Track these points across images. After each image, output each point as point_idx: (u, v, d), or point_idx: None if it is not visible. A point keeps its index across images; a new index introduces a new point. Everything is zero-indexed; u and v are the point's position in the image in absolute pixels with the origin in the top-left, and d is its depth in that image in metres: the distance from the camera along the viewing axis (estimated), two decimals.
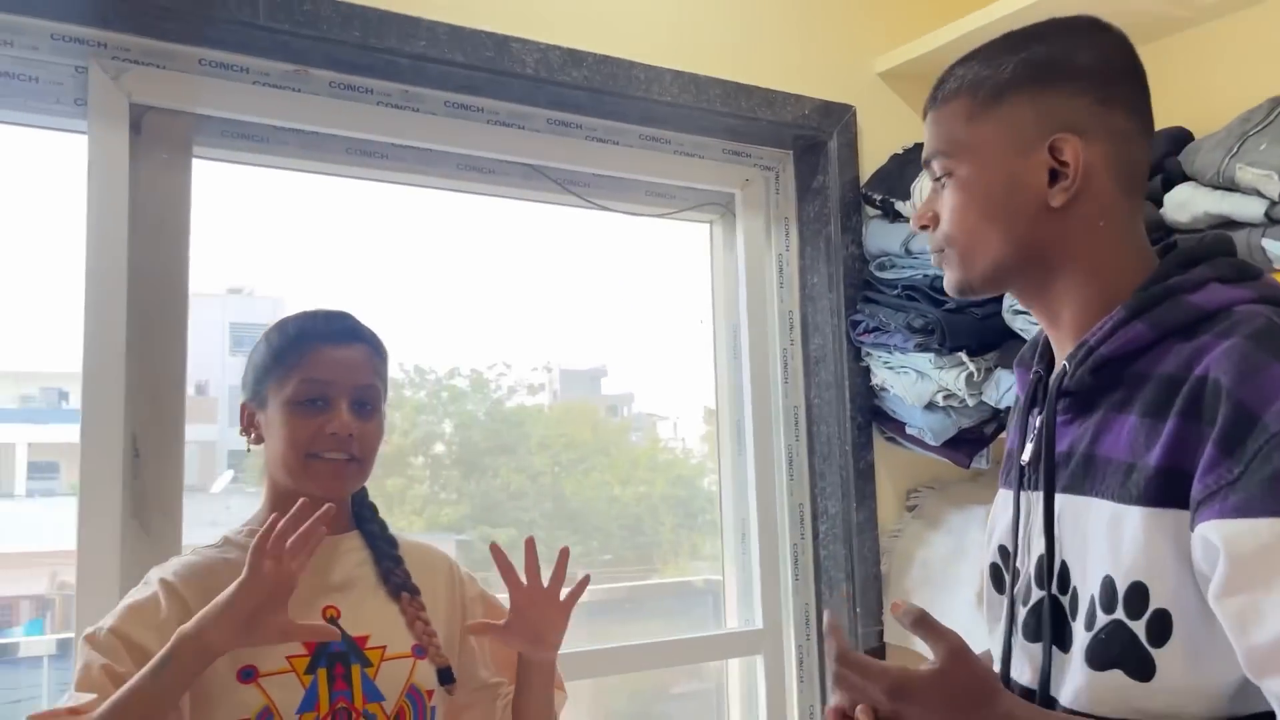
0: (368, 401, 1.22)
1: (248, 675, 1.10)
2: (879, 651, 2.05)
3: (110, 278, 1.54)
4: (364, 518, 1.28)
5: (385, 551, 1.25)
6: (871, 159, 2.15)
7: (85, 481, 1.51)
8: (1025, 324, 1.85)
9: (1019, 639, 0.93)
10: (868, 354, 2.09)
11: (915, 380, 1.97)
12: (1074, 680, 0.85)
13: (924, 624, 0.85)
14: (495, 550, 1.22)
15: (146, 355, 1.59)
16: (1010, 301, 1.87)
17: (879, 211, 2.13)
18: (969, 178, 0.92)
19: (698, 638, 2.10)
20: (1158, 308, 0.86)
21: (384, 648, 1.18)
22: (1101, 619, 0.83)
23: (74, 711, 1.03)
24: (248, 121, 1.70)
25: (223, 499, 2.08)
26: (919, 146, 2.10)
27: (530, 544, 1.24)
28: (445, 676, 1.22)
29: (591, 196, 2.04)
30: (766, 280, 2.18)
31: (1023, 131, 0.90)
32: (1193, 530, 0.77)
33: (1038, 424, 0.94)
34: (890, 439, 2.12)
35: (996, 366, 1.92)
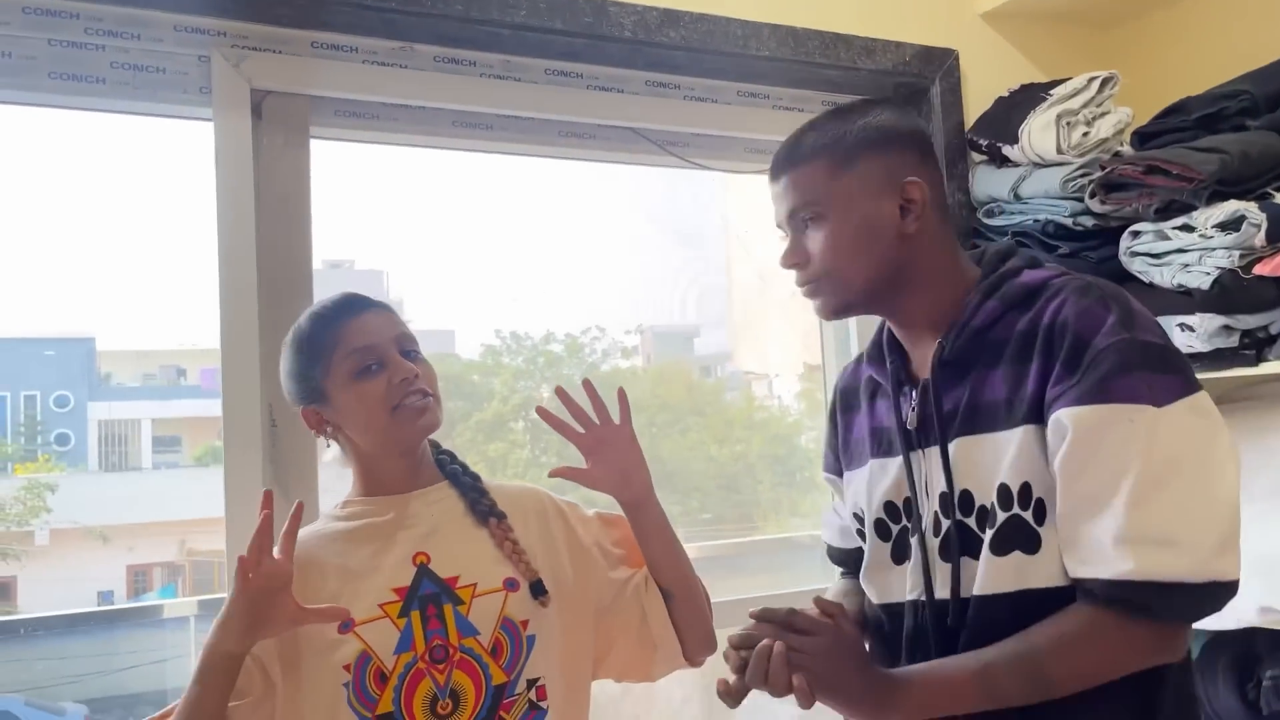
0: (412, 349, 1.27)
1: (345, 626, 1.17)
2: None
3: (241, 257, 1.61)
4: (442, 463, 1.33)
5: (468, 486, 1.30)
6: (976, 104, 2.10)
7: (229, 452, 1.60)
8: (1144, 266, 1.81)
9: (935, 562, 1.15)
10: None
11: None
12: (983, 572, 1.10)
13: (777, 616, 1.09)
14: (543, 412, 1.30)
15: (278, 329, 1.65)
16: (1129, 243, 1.83)
17: (985, 157, 2.08)
18: (840, 221, 1.16)
19: (803, 591, 2.11)
20: (1000, 289, 1.14)
21: (474, 585, 1.22)
22: (1001, 516, 1.09)
23: (163, 716, 1.18)
24: (359, 100, 1.75)
25: (333, 468, 2.17)
26: (1025, 89, 2.05)
27: (588, 384, 1.30)
28: (537, 589, 1.24)
29: (691, 156, 2.05)
30: None
31: (876, 181, 1.16)
32: (1048, 420, 1.05)
33: (914, 397, 1.18)
34: None
35: None
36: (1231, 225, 1.67)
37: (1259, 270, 1.65)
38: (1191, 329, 1.72)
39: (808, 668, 1.05)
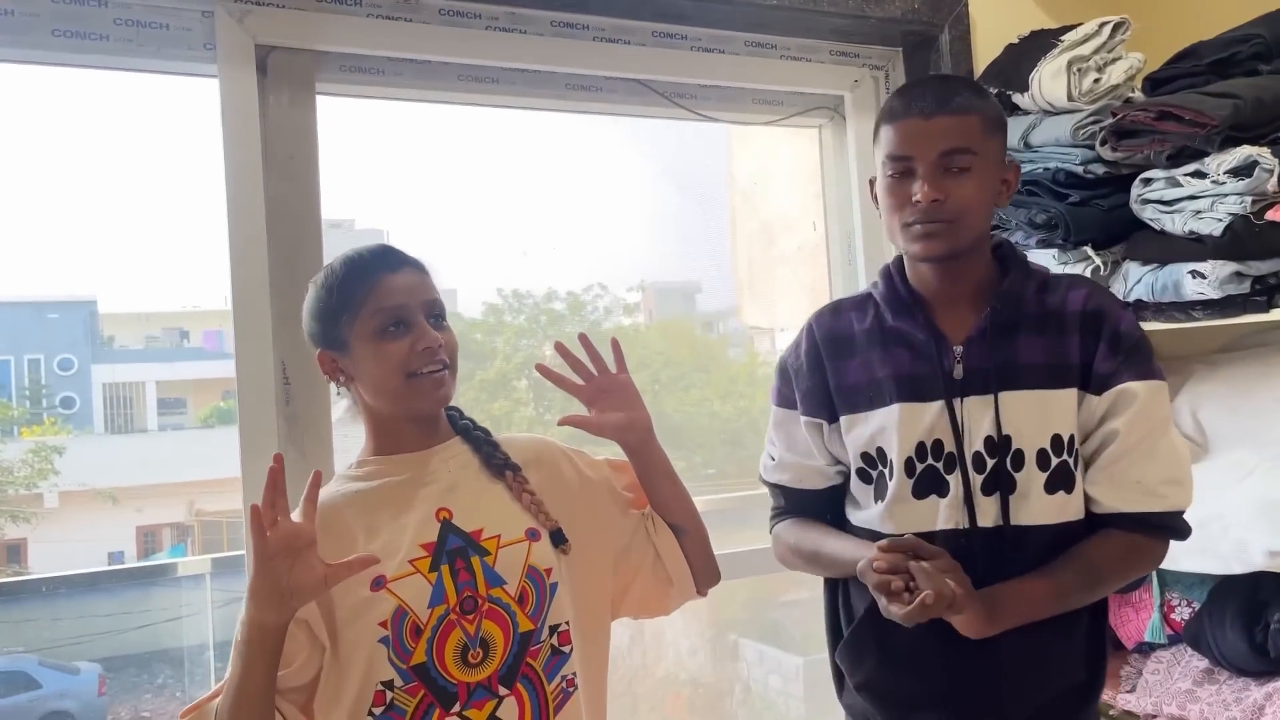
0: (439, 314, 1.27)
1: (378, 584, 1.19)
2: None
3: (250, 215, 1.61)
4: (453, 419, 1.35)
5: (481, 441, 1.32)
6: (986, 51, 2.08)
7: (243, 410, 1.61)
8: (1155, 213, 1.80)
9: (978, 497, 1.32)
10: None
11: None
12: (1033, 506, 1.32)
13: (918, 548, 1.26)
14: (542, 368, 1.36)
15: (288, 286, 1.66)
16: (1141, 190, 1.81)
17: None
18: (983, 175, 1.30)
19: None
20: (1031, 274, 1.38)
21: (498, 536, 1.24)
22: (1054, 461, 1.31)
23: (213, 695, 1.19)
24: (364, 55, 1.73)
25: (340, 427, 2.18)
26: (1035, 35, 2.03)
27: (584, 338, 1.35)
28: (558, 538, 1.27)
29: (698, 108, 2.03)
30: None
31: (1002, 155, 1.36)
32: (1102, 393, 1.31)
33: (958, 351, 1.34)
34: None
35: (1125, 259, 1.87)
36: (1244, 171, 1.66)
37: (1271, 216, 1.64)
38: (1203, 276, 1.71)
39: (960, 581, 1.22)
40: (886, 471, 1.36)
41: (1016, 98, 1.97)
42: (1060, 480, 1.31)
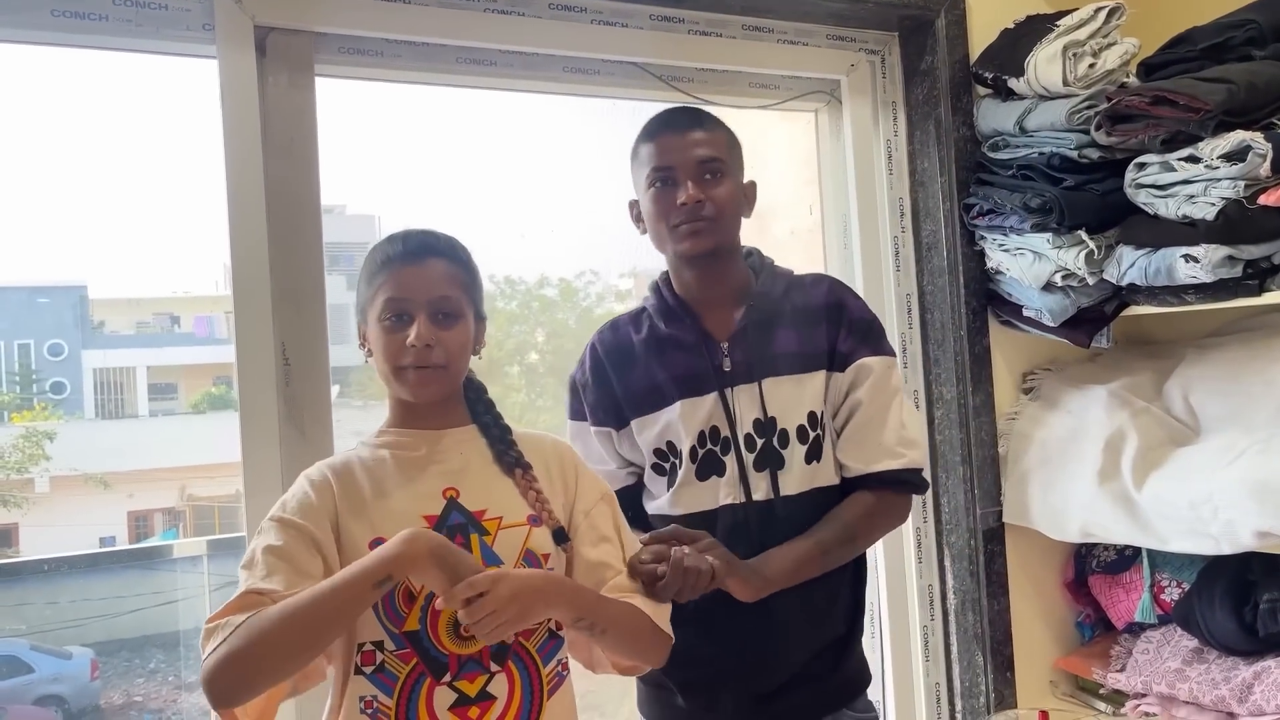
0: (447, 311, 1.27)
1: (376, 544, 1.19)
2: (999, 532, 2.08)
3: (250, 197, 1.61)
4: (477, 411, 1.35)
5: (496, 436, 1.33)
6: (981, 36, 2.09)
7: (244, 392, 1.61)
8: (1149, 198, 1.82)
9: (751, 474, 1.51)
10: (981, 238, 2.07)
11: (1032, 261, 1.95)
12: (796, 477, 1.52)
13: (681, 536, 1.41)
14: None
15: (287, 268, 1.66)
16: (1135, 175, 1.83)
17: (990, 91, 2.08)
18: (733, 184, 1.53)
19: None
20: (778, 275, 1.60)
21: (500, 518, 1.27)
22: (810, 435, 1.53)
23: (259, 593, 1.14)
24: (363, 36, 1.73)
25: (338, 409, 2.18)
26: (1031, 20, 2.04)
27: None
28: (559, 536, 1.30)
29: (695, 91, 2.04)
30: (875, 167, 2.16)
31: (742, 172, 1.57)
32: (844, 369, 1.54)
33: (724, 348, 1.53)
34: (1006, 322, 2.11)
35: (1118, 243, 1.88)
36: (1237, 156, 1.67)
37: (1263, 200, 1.66)
38: (1196, 260, 1.73)
39: (719, 555, 1.37)
40: (677, 461, 1.53)
41: (1012, 83, 1.98)
42: (814, 451, 1.53)
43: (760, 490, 1.52)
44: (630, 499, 1.57)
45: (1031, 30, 1.99)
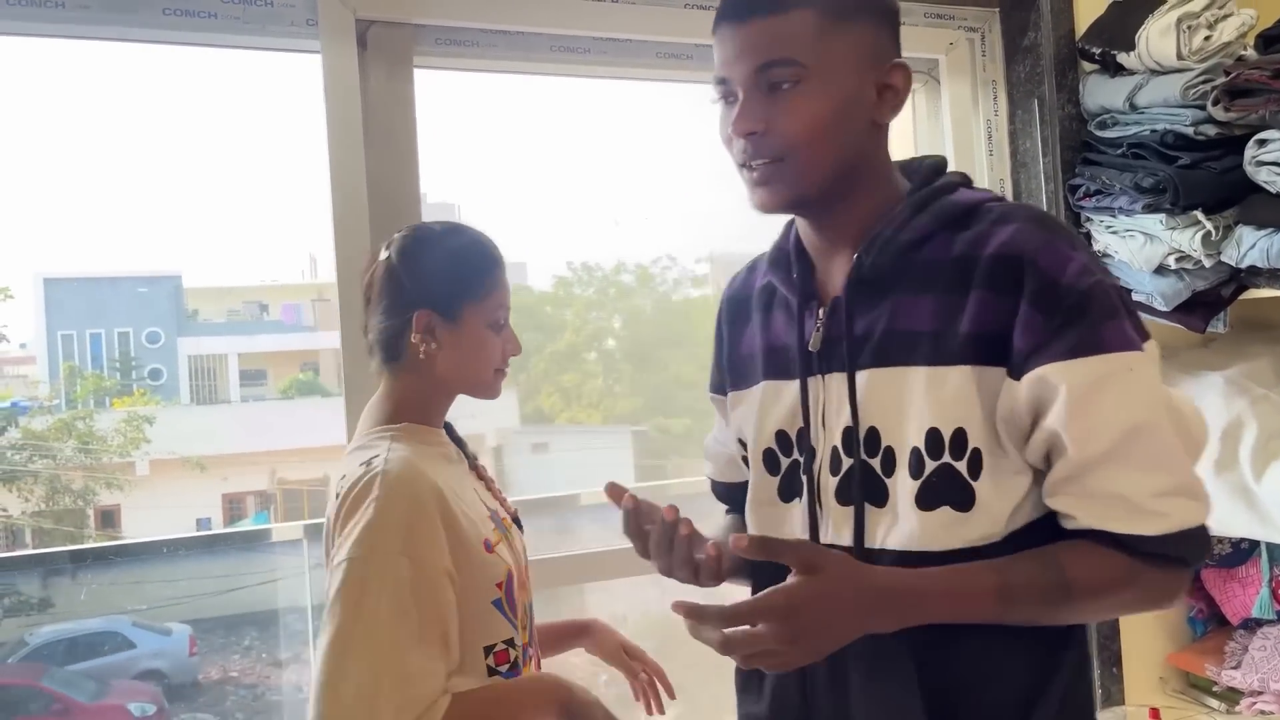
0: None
1: (488, 546, 1.22)
2: None
3: (352, 189, 1.63)
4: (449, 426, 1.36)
5: (463, 441, 1.35)
6: (1088, 10, 2.01)
7: (349, 381, 1.64)
8: (1270, 175, 1.74)
9: (830, 504, 1.02)
10: (1088, 219, 2.00)
11: (1144, 244, 1.88)
12: (905, 526, 0.97)
13: (768, 546, 0.93)
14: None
15: None
16: (1255, 152, 1.75)
17: (1096, 66, 2.00)
18: (822, 89, 0.97)
19: None
20: (932, 204, 1.01)
21: (506, 516, 1.31)
22: (930, 465, 0.96)
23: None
24: (460, 27, 1.74)
25: None
26: None
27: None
28: (518, 522, 1.35)
29: None
30: (975, 149, 2.11)
31: (866, 53, 0.99)
32: (1020, 377, 0.93)
33: (821, 314, 1.04)
34: None
35: (1237, 223, 1.80)
36: None
37: None
38: None
39: (782, 661, 0.90)
40: (751, 463, 1.13)
41: (1121, 57, 1.91)
42: (941, 492, 0.95)
43: (838, 533, 1.02)
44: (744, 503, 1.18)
45: (1143, 3, 1.91)
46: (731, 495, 1.26)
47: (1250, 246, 1.77)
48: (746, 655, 0.90)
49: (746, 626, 0.89)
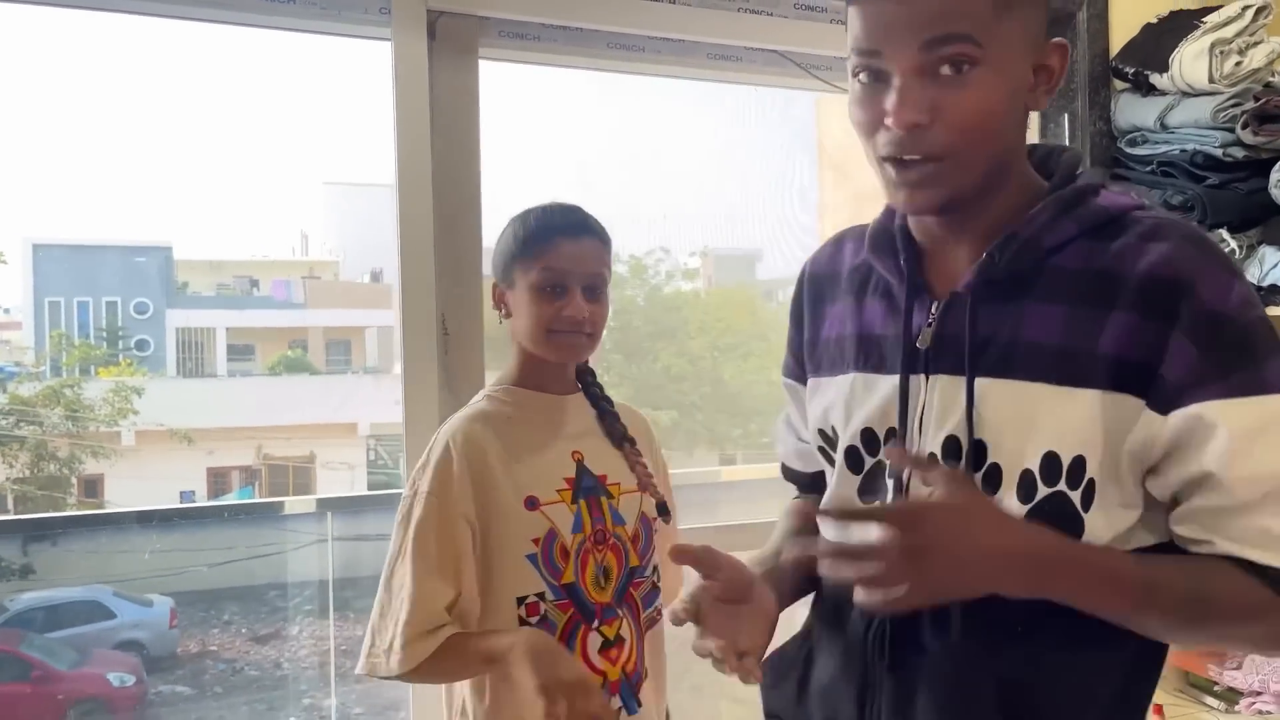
0: (597, 286, 1.37)
1: (532, 504, 1.32)
2: None
3: (418, 177, 1.68)
4: (586, 382, 1.46)
5: (605, 409, 1.44)
6: (1122, 31, 2.08)
7: (408, 360, 1.69)
8: None
9: None
10: None
11: None
12: None
13: (919, 462, 0.89)
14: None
15: (449, 245, 1.73)
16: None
17: (1129, 85, 2.08)
18: (989, 76, 0.85)
19: None
20: (1077, 208, 0.90)
21: (620, 483, 1.40)
22: (1043, 491, 0.88)
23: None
24: (523, 20, 1.79)
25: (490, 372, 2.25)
26: (1175, 15, 2.03)
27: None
28: (663, 510, 1.44)
29: (836, 81, 2.06)
30: None
31: (1032, 32, 0.88)
32: (1168, 412, 0.84)
33: (935, 310, 0.95)
34: None
35: (1260, 243, 1.88)
36: None
37: None
38: None
39: (894, 578, 0.81)
40: (831, 463, 1.05)
41: (1154, 78, 1.98)
42: (1052, 521, 0.87)
43: None
44: (820, 489, 1.11)
45: (1176, 26, 1.98)
46: (805, 482, 1.21)
47: (1273, 266, 1.85)
48: (857, 568, 0.81)
49: (860, 540, 0.83)
